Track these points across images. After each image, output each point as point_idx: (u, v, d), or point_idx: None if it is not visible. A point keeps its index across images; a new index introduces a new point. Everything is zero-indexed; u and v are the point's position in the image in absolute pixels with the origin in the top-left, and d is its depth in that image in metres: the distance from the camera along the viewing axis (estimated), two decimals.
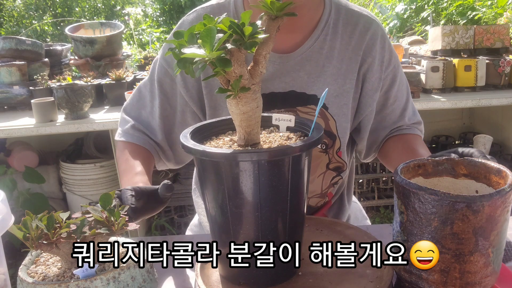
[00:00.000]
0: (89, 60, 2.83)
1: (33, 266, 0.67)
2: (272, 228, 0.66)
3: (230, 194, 0.63)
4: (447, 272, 0.60)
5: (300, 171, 0.65)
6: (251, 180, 0.62)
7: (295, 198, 0.66)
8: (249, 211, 0.64)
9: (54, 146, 2.83)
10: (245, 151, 0.61)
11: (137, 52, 4.14)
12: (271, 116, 0.75)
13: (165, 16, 9.50)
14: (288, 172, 0.63)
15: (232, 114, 0.64)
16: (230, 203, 0.64)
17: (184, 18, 1.04)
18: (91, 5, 10.09)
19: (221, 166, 0.62)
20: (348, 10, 1.02)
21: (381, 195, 2.86)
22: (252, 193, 0.62)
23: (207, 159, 0.63)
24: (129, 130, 1.07)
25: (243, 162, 0.61)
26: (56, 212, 0.63)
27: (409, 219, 0.62)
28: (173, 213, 2.68)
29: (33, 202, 2.42)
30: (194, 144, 0.64)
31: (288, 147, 0.62)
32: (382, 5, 5.43)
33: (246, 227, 0.65)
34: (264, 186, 0.62)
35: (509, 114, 2.85)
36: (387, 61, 1.04)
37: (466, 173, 0.69)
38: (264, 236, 0.65)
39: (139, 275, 0.65)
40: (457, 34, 2.64)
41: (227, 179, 0.62)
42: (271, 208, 0.64)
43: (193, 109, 1.04)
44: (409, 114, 1.11)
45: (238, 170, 0.61)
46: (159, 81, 1.04)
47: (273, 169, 0.61)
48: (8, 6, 9.34)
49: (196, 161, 0.68)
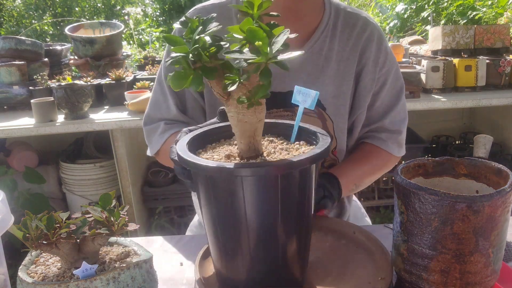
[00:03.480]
0: (89, 60, 2.83)
1: (33, 266, 0.67)
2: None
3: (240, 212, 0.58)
4: (448, 272, 0.60)
5: (310, 185, 0.61)
6: (259, 196, 0.57)
7: (304, 211, 0.62)
8: (266, 225, 0.60)
9: (54, 146, 2.83)
10: (255, 165, 0.56)
11: (137, 52, 4.14)
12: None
13: (165, 16, 9.50)
14: (297, 187, 0.59)
15: (238, 122, 0.58)
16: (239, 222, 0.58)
17: (186, 16, 1.04)
18: (91, 5, 10.08)
19: (236, 182, 0.56)
20: (346, 13, 1.04)
21: (381, 195, 2.85)
22: (266, 210, 0.58)
23: (216, 175, 0.57)
24: (165, 128, 1.03)
25: (249, 177, 0.56)
26: (56, 212, 0.63)
27: (409, 219, 0.62)
28: (173, 213, 2.67)
29: (33, 202, 2.42)
30: (198, 159, 0.58)
31: (297, 160, 0.56)
32: (382, 5, 5.43)
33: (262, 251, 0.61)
34: (276, 202, 0.57)
35: (509, 114, 2.85)
36: (381, 63, 1.04)
37: (467, 173, 0.69)
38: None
39: (139, 275, 0.64)
40: (458, 34, 2.64)
41: (229, 195, 0.57)
42: (281, 223, 0.60)
43: (201, 105, 1.05)
44: (393, 117, 1.08)
45: (255, 185, 0.57)
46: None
47: (282, 183, 0.57)
48: (8, 6, 9.33)
49: (200, 177, 0.62)
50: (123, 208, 0.67)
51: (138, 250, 0.70)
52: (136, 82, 2.55)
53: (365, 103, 1.04)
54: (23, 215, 0.61)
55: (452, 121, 3.27)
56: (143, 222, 2.56)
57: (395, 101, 1.08)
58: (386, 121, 1.08)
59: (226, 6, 1.02)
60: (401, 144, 1.11)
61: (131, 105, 2.24)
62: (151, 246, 0.92)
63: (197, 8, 1.04)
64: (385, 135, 1.09)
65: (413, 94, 2.39)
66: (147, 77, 2.71)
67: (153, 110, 1.08)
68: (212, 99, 1.03)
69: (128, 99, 2.29)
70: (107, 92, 2.56)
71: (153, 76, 2.72)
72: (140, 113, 2.24)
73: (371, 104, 1.07)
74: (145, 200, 2.61)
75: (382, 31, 1.07)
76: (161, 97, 1.06)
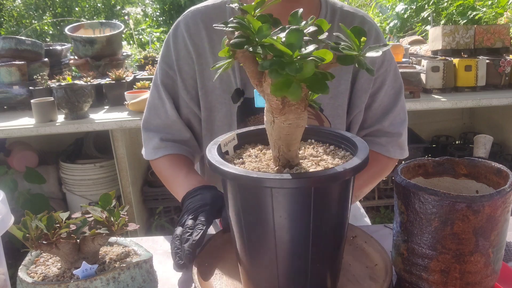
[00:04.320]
0: (89, 60, 2.83)
1: (32, 266, 0.67)
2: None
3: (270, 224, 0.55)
4: (448, 272, 0.60)
5: (347, 197, 0.59)
6: (290, 209, 0.53)
7: (341, 224, 0.59)
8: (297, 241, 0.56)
9: (54, 146, 2.83)
10: (287, 176, 0.52)
11: (137, 52, 4.14)
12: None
13: (165, 16, 9.51)
14: (334, 200, 0.56)
15: (276, 128, 0.55)
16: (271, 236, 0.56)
17: (180, 19, 1.03)
18: (91, 5, 10.08)
19: (265, 193, 0.53)
20: (343, 12, 1.02)
21: (381, 195, 2.86)
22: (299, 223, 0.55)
23: (245, 183, 0.54)
24: (160, 144, 1.05)
25: (280, 189, 0.53)
26: (56, 212, 0.63)
27: (409, 219, 0.62)
28: (173, 213, 2.67)
29: (34, 202, 2.42)
30: (233, 168, 0.56)
31: (338, 171, 0.53)
32: (382, 5, 5.43)
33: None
34: (308, 215, 0.54)
35: (509, 114, 2.85)
36: (379, 63, 1.02)
37: (467, 173, 0.69)
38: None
39: (139, 275, 0.64)
40: (458, 34, 2.64)
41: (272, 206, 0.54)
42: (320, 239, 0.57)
43: (194, 111, 1.04)
44: (392, 119, 1.07)
45: (291, 197, 0.54)
46: (163, 84, 1.04)
47: (316, 196, 0.54)
48: (8, 6, 9.33)
49: (230, 185, 0.59)
50: (123, 208, 0.67)
51: (138, 250, 0.70)
52: (136, 82, 2.55)
53: (362, 104, 1.03)
54: (24, 215, 0.61)
55: (452, 121, 3.27)
56: (143, 222, 2.56)
57: (394, 102, 1.06)
58: (385, 123, 1.06)
59: (221, 7, 1.01)
60: (402, 147, 1.09)
61: (131, 105, 2.24)
62: (151, 246, 0.92)
63: (191, 10, 1.03)
64: (385, 140, 1.07)
65: (413, 94, 2.39)
66: (147, 77, 2.72)
67: (151, 115, 1.07)
68: (208, 102, 1.02)
69: (128, 99, 2.29)
70: (107, 92, 2.56)
71: (152, 76, 2.72)
72: (140, 113, 2.24)
73: (369, 104, 1.06)
74: (145, 200, 2.61)
75: (380, 30, 1.06)
76: (159, 101, 1.06)
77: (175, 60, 1.02)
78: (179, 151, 1.05)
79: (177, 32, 1.02)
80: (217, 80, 1.00)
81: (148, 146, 1.07)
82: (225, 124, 1.03)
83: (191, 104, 1.03)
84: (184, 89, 1.02)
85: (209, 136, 1.06)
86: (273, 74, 0.45)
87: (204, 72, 1.01)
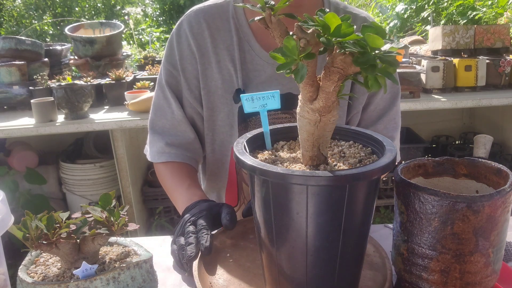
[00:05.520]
0: (89, 60, 2.83)
1: (32, 266, 0.67)
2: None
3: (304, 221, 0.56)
4: (448, 272, 0.60)
5: (374, 196, 0.59)
6: (324, 207, 0.54)
7: (366, 223, 0.60)
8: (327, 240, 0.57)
9: (54, 146, 2.83)
10: (323, 174, 0.53)
11: (137, 52, 4.14)
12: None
13: (165, 16, 9.51)
14: (363, 198, 0.57)
15: (321, 126, 0.55)
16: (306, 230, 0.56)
17: (183, 18, 1.03)
18: (91, 5, 10.09)
19: (300, 191, 0.54)
20: (346, 12, 1.03)
21: (381, 195, 2.86)
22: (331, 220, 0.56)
23: (279, 182, 0.55)
24: (164, 149, 1.05)
25: (315, 186, 0.53)
26: (56, 212, 0.63)
27: (409, 219, 0.62)
28: (173, 213, 2.67)
29: (34, 203, 2.42)
30: (270, 167, 0.55)
31: (369, 168, 0.54)
32: (382, 5, 5.43)
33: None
34: (341, 213, 0.55)
35: (509, 114, 2.85)
36: None
37: (466, 173, 0.69)
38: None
39: (139, 275, 0.64)
40: (458, 34, 2.64)
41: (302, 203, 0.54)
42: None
43: (198, 111, 1.04)
44: (387, 123, 1.06)
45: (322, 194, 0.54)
46: (168, 84, 1.04)
47: (350, 194, 0.55)
48: (8, 6, 9.34)
49: (257, 180, 0.59)
50: (123, 208, 0.67)
51: (138, 250, 0.70)
52: (136, 82, 2.55)
53: (360, 105, 1.04)
54: (24, 215, 0.61)
55: (452, 121, 3.27)
56: (143, 222, 2.56)
57: (390, 106, 1.06)
58: (379, 126, 1.06)
59: (224, 6, 1.01)
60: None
61: (131, 105, 2.24)
62: (151, 246, 0.92)
63: (193, 10, 1.03)
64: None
65: (413, 94, 2.39)
66: (147, 77, 2.72)
67: (157, 116, 1.07)
68: (210, 101, 1.02)
69: (128, 99, 2.29)
70: (107, 92, 2.56)
71: (153, 76, 2.72)
72: (140, 113, 2.24)
73: (366, 106, 1.06)
74: (145, 200, 2.61)
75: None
76: (164, 102, 1.05)
77: (178, 60, 1.01)
78: (183, 159, 1.05)
79: (180, 31, 1.02)
80: (219, 80, 1.00)
81: (153, 148, 1.07)
82: (227, 124, 1.03)
83: (195, 104, 1.04)
84: (187, 89, 1.02)
85: (210, 136, 1.06)
86: (369, 70, 0.48)
87: (207, 72, 1.01)
